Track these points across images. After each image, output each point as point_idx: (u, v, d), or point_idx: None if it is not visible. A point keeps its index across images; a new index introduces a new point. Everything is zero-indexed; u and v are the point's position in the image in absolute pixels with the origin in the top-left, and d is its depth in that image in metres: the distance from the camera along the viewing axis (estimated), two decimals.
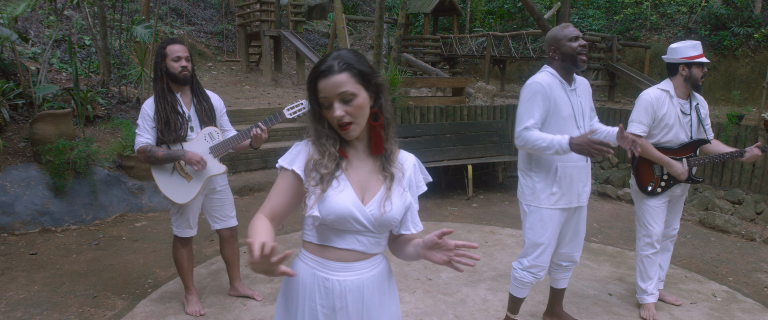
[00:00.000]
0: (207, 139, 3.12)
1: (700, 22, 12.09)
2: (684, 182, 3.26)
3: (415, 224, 1.57)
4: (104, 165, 5.36)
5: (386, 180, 1.49)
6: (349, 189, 1.45)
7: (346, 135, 1.43)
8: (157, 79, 3.01)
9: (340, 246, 1.49)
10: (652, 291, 3.38)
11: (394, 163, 1.52)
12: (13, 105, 5.68)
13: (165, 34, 11.25)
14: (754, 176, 5.71)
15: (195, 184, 3.07)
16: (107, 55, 7.14)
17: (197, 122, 3.11)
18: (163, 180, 3.05)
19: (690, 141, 3.22)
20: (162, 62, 2.99)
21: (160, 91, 3.00)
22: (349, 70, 1.40)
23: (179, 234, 3.20)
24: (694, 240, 4.98)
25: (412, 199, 1.55)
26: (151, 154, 2.96)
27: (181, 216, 3.17)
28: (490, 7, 16.73)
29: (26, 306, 3.36)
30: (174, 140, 3.00)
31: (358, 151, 1.51)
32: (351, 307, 1.51)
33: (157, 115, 2.97)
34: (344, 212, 1.42)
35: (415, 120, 6.74)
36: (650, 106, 3.15)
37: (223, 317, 3.26)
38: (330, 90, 1.39)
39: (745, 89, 10.86)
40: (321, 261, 1.50)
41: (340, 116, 1.39)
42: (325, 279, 1.50)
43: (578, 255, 3.01)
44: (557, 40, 2.70)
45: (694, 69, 3.13)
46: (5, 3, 6.13)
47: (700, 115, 3.26)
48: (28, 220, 4.74)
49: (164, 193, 3.05)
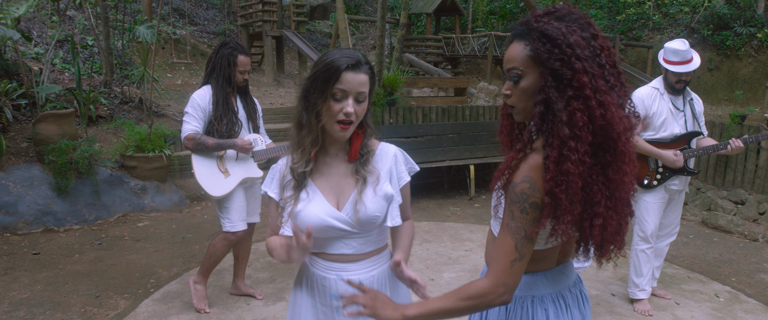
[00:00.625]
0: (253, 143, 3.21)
1: (703, 21, 12.06)
2: (680, 173, 3.28)
3: (392, 217, 1.49)
4: (107, 166, 5.37)
5: (358, 184, 1.46)
6: (319, 198, 1.45)
7: (343, 133, 1.41)
8: (217, 79, 3.07)
9: (332, 252, 1.50)
10: (644, 287, 3.42)
11: (367, 166, 1.49)
12: (16, 105, 5.69)
13: (167, 35, 11.26)
14: (756, 176, 5.69)
15: (232, 180, 3.13)
16: (110, 56, 7.16)
17: (246, 123, 3.22)
18: (203, 170, 3.09)
19: (683, 133, 3.27)
20: (229, 69, 3.07)
21: (220, 90, 3.07)
22: (370, 73, 1.41)
23: (232, 229, 3.19)
24: (697, 241, 4.97)
25: (393, 192, 1.51)
26: (200, 142, 3.02)
27: (230, 211, 3.17)
28: (492, 7, 16.72)
29: (29, 306, 3.37)
30: (228, 137, 3.09)
31: (329, 154, 1.49)
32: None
33: (217, 108, 3.04)
34: (317, 222, 1.42)
35: (417, 120, 6.73)
36: (641, 101, 3.23)
37: (225, 316, 3.26)
38: (354, 85, 1.37)
39: (747, 89, 10.83)
40: (319, 261, 1.53)
41: (351, 112, 1.37)
42: (323, 277, 1.51)
43: (591, 259, 3.01)
44: None
45: (669, 73, 3.19)
46: (8, 3, 6.15)
47: (694, 110, 3.31)
48: (31, 220, 4.76)
49: (201, 183, 3.08)
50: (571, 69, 1.12)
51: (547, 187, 1.14)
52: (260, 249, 4.40)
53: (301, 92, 1.43)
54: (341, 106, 1.37)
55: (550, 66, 1.13)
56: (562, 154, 1.12)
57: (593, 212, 1.17)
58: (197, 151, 3.08)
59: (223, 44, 3.13)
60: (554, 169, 1.13)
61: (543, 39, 1.14)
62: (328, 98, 1.37)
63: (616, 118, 1.14)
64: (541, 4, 13.65)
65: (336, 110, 1.37)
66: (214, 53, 3.12)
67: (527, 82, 1.19)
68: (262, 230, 4.91)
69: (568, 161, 1.12)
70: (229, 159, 3.16)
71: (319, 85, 1.38)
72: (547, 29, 1.14)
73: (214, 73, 3.10)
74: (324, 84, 1.36)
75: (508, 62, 1.22)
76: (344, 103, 1.37)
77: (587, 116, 1.12)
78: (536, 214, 1.17)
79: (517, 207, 1.18)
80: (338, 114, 1.37)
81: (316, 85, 1.38)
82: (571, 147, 1.12)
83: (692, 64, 3.13)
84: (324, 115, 1.39)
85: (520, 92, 1.21)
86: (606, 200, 1.18)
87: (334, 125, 1.39)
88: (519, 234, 1.18)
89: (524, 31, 1.19)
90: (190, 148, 3.07)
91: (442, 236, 4.83)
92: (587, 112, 1.12)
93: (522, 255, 1.19)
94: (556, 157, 1.13)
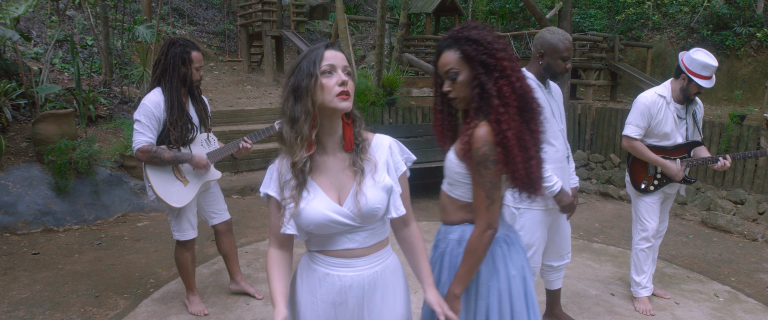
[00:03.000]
0: (204, 144, 3.12)
1: (703, 21, 12.06)
2: (678, 182, 3.28)
3: (396, 208, 1.53)
4: (106, 165, 5.37)
5: (356, 175, 1.48)
6: (320, 195, 1.45)
7: (345, 103, 1.43)
8: (169, 80, 2.91)
9: (335, 248, 1.50)
10: (646, 285, 3.45)
11: (365, 156, 1.51)
12: (16, 105, 5.69)
13: (167, 34, 11.25)
14: (756, 176, 5.69)
15: (192, 188, 3.06)
16: (109, 55, 7.15)
17: (197, 125, 3.11)
18: (160, 183, 2.98)
19: (685, 142, 3.27)
20: (184, 67, 2.92)
21: (174, 94, 2.93)
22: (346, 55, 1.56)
23: (182, 238, 3.15)
24: (696, 241, 4.97)
25: (393, 183, 1.52)
26: (155, 155, 2.88)
27: (181, 220, 3.12)
28: (492, 7, 16.72)
29: (28, 306, 3.36)
30: (182, 143, 2.99)
31: (327, 149, 1.50)
32: (350, 303, 1.51)
33: (172, 113, 2.90)
34: (321, 219, 1.43)
35: (416, 120, 6.73)
36: (647, 109, 3.20)
37: (225, 316, 3.26)
38: (339, 59, 1.45)
39: (747, 89, 10.84)
40: (322, 258, 1.52)
41: (346, 79, 1.43)
42: (325, 274, 1.51)
43: (569, 254, 3.03)
44: (551, 48, 2.59)
45: (692, 85, 3.15)
46: (7, 3, 6.14)
47: (696, 118, 3.32)
48: (30, 220, 4.75)
49: (160, 196, 2.96)
50: (494, 58, 1.56)
51: (497, 142, 1.54)
52: (260, 249, 4.40)
53: (289, 89, 1.45)
54: (334, 80, 1.42)
55: (479, 60, 1.57)
56: (499, 118, 1.54)
57: (529, 155, 1.58)
58: (152, 163, 2.94)
59: (171, 43, 2.93)
60: (497, 129, 1.54)
61: (470, 42, 1.58)
62: (319, 78, 1.42)
63: (527, 86, 1.61)
64: (541, 4, 13.66)
65: (331, 84, 1.42)
66: (162, 54, 2.93)
67: (463, 76, 1.62)
68: (263, 230, 4.91)
69: (504, 122, 1.53)
70: (185, 165, 3.06)
71: (306, 71, 1.43)
72: (470, 35, 1.59)
73: (166, 74, 2.91)
74: (312, 66, 1.43)
75: (444, 66, 1.65)
76: (336, 75, 1.43)
77: (510, 88, 1.56)
78: (496, 166, 1.57)
79: (482, 166, 1.57)
80: (334, 87, 1.42)
81: (303, 72, 1.43)
82: (503, 112, 1.54)
83: (714, 78, 3.14)
84: (319, 95, 1.42)
85: (460, 86, 1.63)
86: (534, 146, 1.61)
87: (333, 98, 1.42)
88: (486, 185, 1.59)
89: (451, 42, 1.64)
90: (144, 161, 2.92)
91: None
92: (510, 86, 1.56)
93: (493, 199, 1.60)
94: (495, 120, 1.54)
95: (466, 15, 16.31)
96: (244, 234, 4.76)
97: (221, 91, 10.09)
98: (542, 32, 2.65)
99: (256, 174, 6.43)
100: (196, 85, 3.04)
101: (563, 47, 2.58)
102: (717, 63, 3.09)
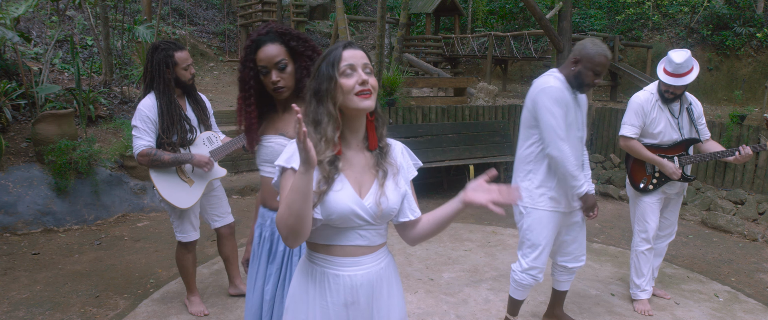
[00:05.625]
0: (206, 143, 3.11)
1: (702, 21, 12.07)
2: (677, 181, 3.27)
3: (412, 210, 1.58)
4: (106, 166, 5.37)
5: (379, 176, 1.50)
6: (347, 187, 1.46)
7: (366, 102, 1.42)
8: (159, 85, 2.91)
9: (344, 243, 1.50)
10: (645, 287, 3.44)
11: (387, 159, 1.53)
12: (16, 105, 5.69)
13: (167, 34, 11.25)
14: (756, 176, 5.69)
15: (197, 188, 3.06)
16: (109, 56, 7.15)
17: (196, 125, 3.11)
18: (165, 185, 2.99)
19: (681, 140, 3.26)
20: (169, 70, 2.90)
21: (167, 97, 2.92)
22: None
23: (184, 239, 3.15)
24: (696, 241, 4.97)
25: (406, 186, 1.57)
26: (156, 158, 2.89)
27: (183, 221, 3.13)
28: (492, 7, 16.72)
29: (28, 306, 3.36)
30: (181, 144, 2.99)
31: (351, 146, 1.51)
32: (362, 301, 1.52)
33: (163, 119, 2.90)
34: (346, 210, 1.44)
35: (416, 120, 6.73)
36: (641, 108, 3.22)
37: (225, 317, 3.26)
38: (358, 58, 1.49)
39: (747, 89, 10.85)
40: (329, 259, 1.51)
41: (365, 78, 1.45)
42: (335, 275, 1.50)
43: (584, 257, 3.02)
44: (588, 58, 2.61)
45: (660, 82, 3.18)
46: (7, 3, 6.15)
47: (692, 115, 3.29)
48: (30, 220, 4.75)
49: (166, 198, 2.98)
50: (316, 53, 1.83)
51: None
52: None
53: (311, 93, 1.47)
54: (354, 80, 1.42)
55: (305, 54, 1.83)
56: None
57: None
58: (153, 166, 2.96)
59: (154, 48, 2.90)
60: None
61: (297, 39, 1.83)
62: (338, 79, 1.42)
63: None
64: (541, 4, 13.66)
65: (350, 84, 1.42)
66: (148, 61, 2.91)
67: (291, 67, 1.83)
68: None
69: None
70: (187, 165, 3.06)
71: (326, 73, 1.43)
72: (297, 33, 1.86)
73: (154, 81, 2.91)
74: (331, 68, 1.43)
75: (273, 58, 1.80)
76: (356, 75, 1.42)
77: None
78: None
79: None
80: (354, 87, 1.42)
81: (324, 75, 1.44)
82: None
83: (685, 79, 3.07)
84: (339, 96, 1.42)
85: (288, 75, 1.83)
86: None
87: (353, 98, 1.42)
88: None
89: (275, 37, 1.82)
90: (144, 165, 2.95)
91: (442, 236, 4.83)
92: None
93: None
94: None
95: (465, 15, 16.31)
96: (245, 235, 4.76)
97: (221, 91, 10.10)
98: (585, 41, 2.69)
99: (256, 174, 6.42)
100: (189, 83, 3.02)
101: (598, 61, 2.61)
102: (684, 59, 3.04)
